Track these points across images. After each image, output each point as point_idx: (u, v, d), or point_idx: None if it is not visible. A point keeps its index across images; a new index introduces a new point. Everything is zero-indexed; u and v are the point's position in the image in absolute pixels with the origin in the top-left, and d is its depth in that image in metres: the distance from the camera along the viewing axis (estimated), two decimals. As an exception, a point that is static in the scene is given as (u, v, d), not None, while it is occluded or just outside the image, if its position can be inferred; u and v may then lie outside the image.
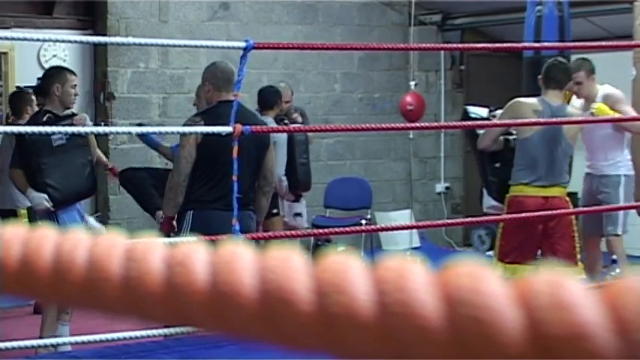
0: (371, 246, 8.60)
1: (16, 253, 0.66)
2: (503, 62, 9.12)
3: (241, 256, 0.60)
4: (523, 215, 5.17)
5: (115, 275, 0.63)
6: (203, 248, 0.62)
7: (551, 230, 5.37)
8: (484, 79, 9.48)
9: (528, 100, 5.45)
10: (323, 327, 0.56)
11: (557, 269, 0.54)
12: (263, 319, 0.58)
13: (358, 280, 0.56)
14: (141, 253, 0.63)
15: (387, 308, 0.54)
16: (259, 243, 4.50)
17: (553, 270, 0.54)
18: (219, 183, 4.70)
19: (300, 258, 0.59)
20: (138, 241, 0.65)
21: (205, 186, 4.76)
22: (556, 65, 5.51)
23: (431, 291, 0.55)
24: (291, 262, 0.58)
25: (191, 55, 8.30)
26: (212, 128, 4.34)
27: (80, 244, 0.65)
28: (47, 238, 0.67)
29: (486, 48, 7.28)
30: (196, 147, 4.72)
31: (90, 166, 5.42)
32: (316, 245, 8.15)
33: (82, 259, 0.64)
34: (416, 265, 0.56)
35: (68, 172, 5.28)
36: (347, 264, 0.57)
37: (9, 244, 0.67)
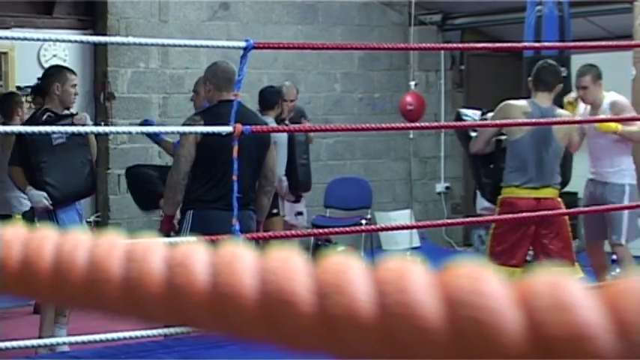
0: (371, 246, 8.60)
1: (17, 254, 0.66)
2: (503, 62, 9.12)
3: (241, 257, 0.60)
4: (523, 215, 5.16)
5: (116, 276, 0.63)
6: (203, 249, 0.62)
7: (544, 231, 5.36)
8: (484, 79, 9.48)
9: (518, 103, 5.46)
10: (323, 328, 0.56)
11: (554, 270, 0.54)
12: (263, 320, 0.58)
13: (358, 281, 0.56)
14: (141, 254, 0.63)
15: (388, 309, 0.54)
16: (259, 243, 4.50)
17: (552, 271, 0.54)
18: (219, 183, 4.69)
19: (300, 259, 0.59)
20: (138, 242, 0.65)
21: (205, 185, 4.75)
22: (546, 67, 5.51)
23: (431, 292, 0.55)
24: (291, 263, 0.58)
25: (191, 55, 8.30)
26: (212, 128, 4.34)
27: (80, 245, 0.65)
28: (48, 239, 0.67)
29: (486, 48, 7.29)
30: (196, 146, 4.72)
31: (89, 166, 5.41)
32: (316, 245, 8.15)
33: (83, 260, 0.64)
34: (416, 266, 0.56)
35: (67, 171, 5.27)
36: (347, 265, 0.57)
37: (10, 245, 0.67)
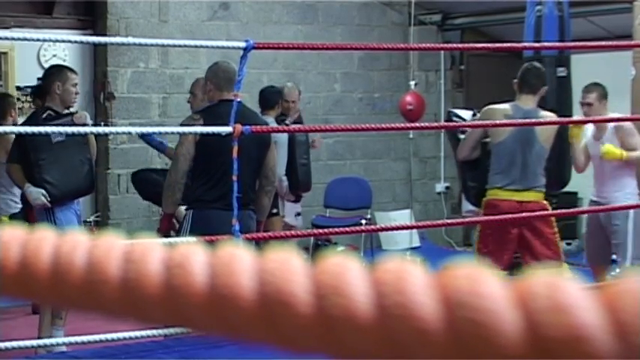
0: (371, 246, 8.60)
1: (15, 255, 0.66)
2: (503, 62, 9.11)
3: (240, 258, 0.60)
4: (523, 215, 5.17)
5: (114, 277, 0.63)
6: (202, 250, 0.62)
7: (528, 234, 5.35)
8: (484, 79, 9.48)
9: (500, 106, 5.47)
10: (322, 329, 0.56)
11: (543, 271, 0.54)
12: (262, 321, 0.58)
13: (357, 282, 0.56)
14: (139, 255, 0.63)
15: (386, 310, 0.54)
16: (259, 243, 4.50)
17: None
18: (218, 182, 4.69)
19: (298, 260, 0.59)
20: (136, 243, 0.65)
21: (205, 185, 4.75)
22: (530, 70, 5.52)
23: (429, 293, 0.54)
24: (289, 264, 0.58)
25: (191, 55, 8.30)
26: (212, 128, 4.33)
27: (79, 246, 0.65)
28: (46, 240, 0.67)
29: (486, 48, 7.28)
30: (195, 144, 4.72)
31: (88, 164, 5.41)
32: (316, 245, 8.15)
33: (81, 261, 0.64)
34: (414, 267, 0.56)
35: (66, 170, 5.27)
36: (346, 266, 0.57)
37: (8, 246, 0.67)
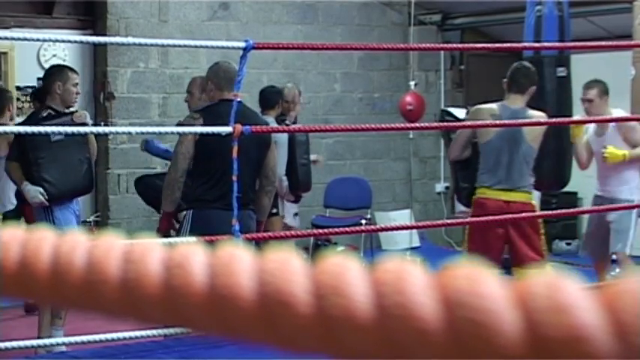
0: (371, 246, 8.60)
1: (15, 255, 0.66)
2: (503, 62, 9.06)
3: (240, 259, 0.60)
4: (524, 215, 5.18)
5: (113, 277, 0.63)
6: (201, 250, 0.62)
7: (514, 233, 5.35)
8: (484, 79, 9.46)
9: (487, 106, 5.48)
10: (321, 329, 0.56)
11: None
12: (261, 322, 0.58)
13: (356, 283, 0.56)
14: (139, 255, 0.63)
15: (386, 310, 0.54)
16: (259, 243, 4.50)
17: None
18: (218, 182, 4.69)
19: (298, 260, 0.59)
20: (136, 243, 0.65)
21: (205, 185, 4.75)
22: (519, 69, 5.52)
23: (429, 293, 0.54)
24: (289, 265, 0.58)
25: (191, 55, 8.30)
26: (212, 128, 4.34)
27: (78, 246, 0.65)
28: (46, 240, 0.67)
29: (486, 48, 7.29)
30: (194, 143, 4.72)
31: (87, 164, 5.40)
32: (316, 245, 8.15)
33: (81, 261, 0.64)
34: (414, 267, 0.56)
35: (65, 168, 5.26)
36: (345, 266, 0.57)
37: (7, 246, 0.67)
